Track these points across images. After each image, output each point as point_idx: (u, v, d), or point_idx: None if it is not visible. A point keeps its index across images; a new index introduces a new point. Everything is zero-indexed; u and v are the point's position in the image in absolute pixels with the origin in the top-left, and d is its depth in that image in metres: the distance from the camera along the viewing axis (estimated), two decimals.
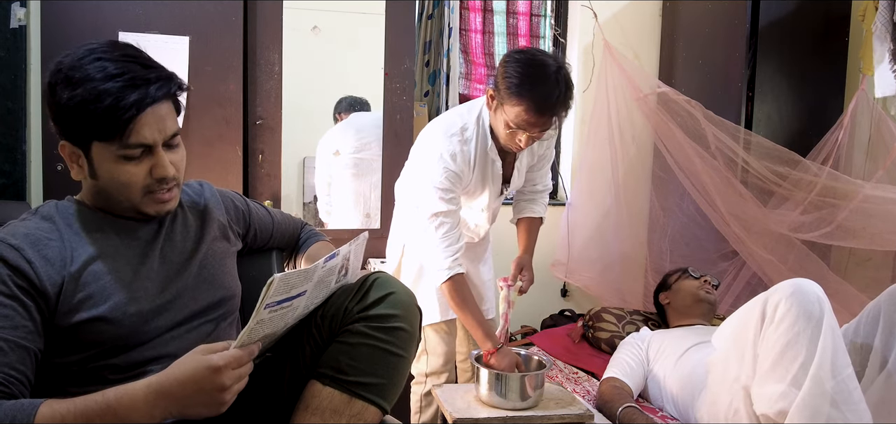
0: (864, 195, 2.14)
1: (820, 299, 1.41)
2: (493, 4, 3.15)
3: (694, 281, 2.22)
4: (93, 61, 1.06)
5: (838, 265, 2.48)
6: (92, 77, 1.04)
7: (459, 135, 1.81)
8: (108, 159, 1.08)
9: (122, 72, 1.06)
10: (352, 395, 1.12)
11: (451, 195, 1.79)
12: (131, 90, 1.05)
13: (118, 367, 1.08)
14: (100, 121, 1.05)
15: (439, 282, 1.81)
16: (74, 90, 1.04)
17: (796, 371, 1.36)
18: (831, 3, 2.61)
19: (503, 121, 1.72)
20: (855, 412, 1.33)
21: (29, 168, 2.19)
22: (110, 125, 1.05)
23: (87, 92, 1.04)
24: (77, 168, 1.12)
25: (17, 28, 2.15)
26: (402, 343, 1.17)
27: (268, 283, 0.92)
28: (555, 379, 2.11)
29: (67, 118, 1.07)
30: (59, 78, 1.06)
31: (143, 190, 1.12)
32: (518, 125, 1.69)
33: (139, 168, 1.10)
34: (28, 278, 1.02)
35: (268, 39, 2.42)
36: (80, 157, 1.11)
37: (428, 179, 1.80)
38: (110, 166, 1.09)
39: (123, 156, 1.08)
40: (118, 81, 1.05)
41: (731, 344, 1.56)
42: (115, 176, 1.10)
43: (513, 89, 1.66)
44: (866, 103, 2.42)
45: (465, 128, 1.83)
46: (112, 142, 1.07)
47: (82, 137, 1.08)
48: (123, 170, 1.09)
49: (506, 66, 1.70)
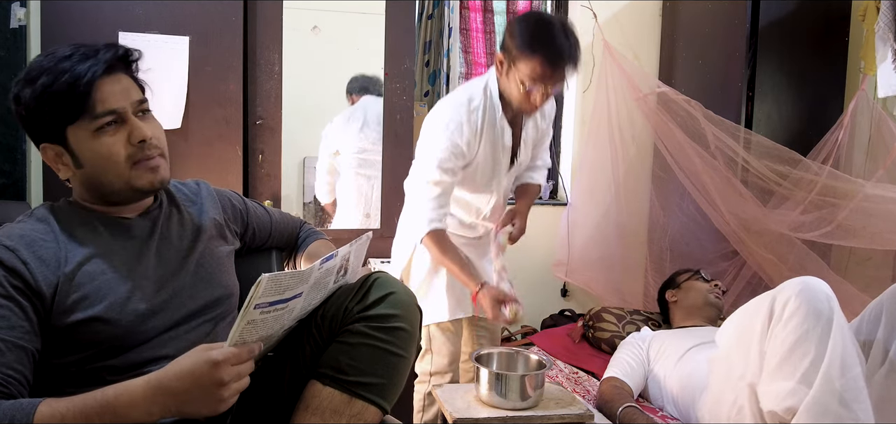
0: (864, 194, 2.14)
1: (829, 297, 1.41)
2: (494, 4, 3.15)
3: (705, 283, 2.22)
4: (45, 57, 1.10)
5: (838, 264, 2.48)
6: (45, 66, 1.08)
7: (466, 105, 1.84)
8: (85, 139, 1.10)
9: (72, 52, 1.10)
10: (352, 395, 1.12)
11: (450, 168, 1.82)
12: (82, 61, 1.09)
13: (116, 368, 1.08)
14: (64, 100, 1.07)
15: (422, 235, 1.83)
16: (34, 84, 1.08)
17: (806, 369, 1.36)
18: (831, 3, 2.61)
19: (517, 81, 1.75)
20: (864, 411, 1.33)
21: (29, 168, 2.19)
22: (74, 99, 1.07)
23: (45, 78, 1.07)
24: (63, 167, 1.14)
25: (17, 28, 2.15)
26: (403, 343, 1.16)
27: (257, 283, 0.91)
28: (555, 379, 2.11)
29: (36, 115, 1.09)
30: (18, 87, 1.10)
31: (127, 160, 1.12)
32: (534, 80, 1.72)
33: (116, 138, 1.11)
34: (23, 279, 1.02)
35: (268, 39, 2.42)
36: (61, 154, 1.12)
37: (431, 149, 1.82)
38: (90, 145, 1.10)
39: (97, 128, 1.10)
40: (69, 60, 1.09)
41: (736, 342, 1.56)
42: (97, 152, 1.11)
43: (526, 46, 1.70)
44: (866, 103, 2.41)
45: (472, 99, 1.85)
46: (83, 119, 1.09)
47: (55, 128, 1.10)
48: (102, 142, 1.10)
49: (514, 27, 1.75)
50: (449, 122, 1.82)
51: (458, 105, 1.84)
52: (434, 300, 1.97)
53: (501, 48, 1.80)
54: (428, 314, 1.96)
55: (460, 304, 1.98)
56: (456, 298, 1.97)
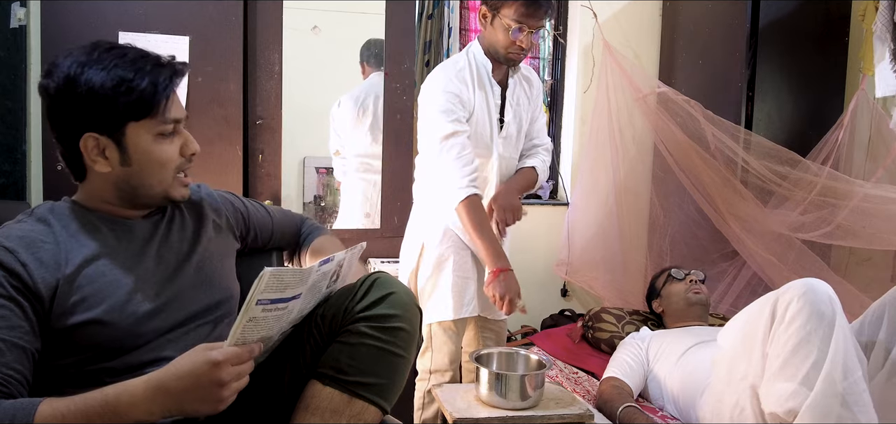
0: (864, 194, 2.14)
1: (832, 299, 1.41)
2: None
3: (680, 283, 2.21)
4: (106, 52, 1.09)
5: (838, 264, 2.48)
6: (119, 61, 1.08)
7: (452, 65, 1.95)
8: (144, 140, 1.11)
9: (144, 55, 1.11)
10: (352, 395, 1.12)
11: (454, 116, 1.86)
12: (160, 69, 1.10)
13: (115, 370, 1.08)
14: (140, 98, 1.08)
15: (455, 203, 1.83)
16: (110, 71, 1.06)
17: (807, 371, 1.36)
18: (831, 3, 2.61)
19: (502, 28, 1.87)
20: (865, 413, 1.33)
21: (29, 168, 2.19)
22: (150, 100, 1.08)
23: (122, 71, 1.07)
24: (102, 160, 1.11)
25: (17, 28, 2.15)
26: (403, 343, 1.17)
27: (259, 277, 0.91)
28: (555, 379, 2.11)
29: (100, 103, 1.07)
30: (77, 70, 1.06)
31: (176, 169, 1.16)
32: (518, 21, 1.84)
33: (173, 146, 1.15)
34: (22, 280, 1.02)
35: (268, 39, 2.42)
36: (108, 147, 1.10)
37: (430, 111, 1.87)
38: (147, 146, 1.11)
39: (160, 133, 1.12)
40: (146, 62, 1.09)
41: (739, 343, 1.56)
42: (154, 156, 1.12)
43: None
44: (866, 103, 2.41)
45: (456, 61, 1.97)
46: (151, 119, 1.10)
47: (115, 121, 1.09)
48: (161, 148, 1.13)
49: None
50: (439, 81, 1.90)
51: (443, 68, 1.96)
52: (439, 298, 1.98)
53: (484, 3, 1.92)
54: (432, 312, 1.99)
55: (464, 304, 1.99)
56: (460, 298, 1.98)
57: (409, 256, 2.08)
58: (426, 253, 2.00)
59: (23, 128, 2.18)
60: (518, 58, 1.95)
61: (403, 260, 2.12)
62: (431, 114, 1.87)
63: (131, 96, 1.07)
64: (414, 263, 2.04)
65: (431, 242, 2.00)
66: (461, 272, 1.98)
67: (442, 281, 1.98)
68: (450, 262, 1.98)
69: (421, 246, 2.02)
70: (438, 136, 1.85)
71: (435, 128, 1.86)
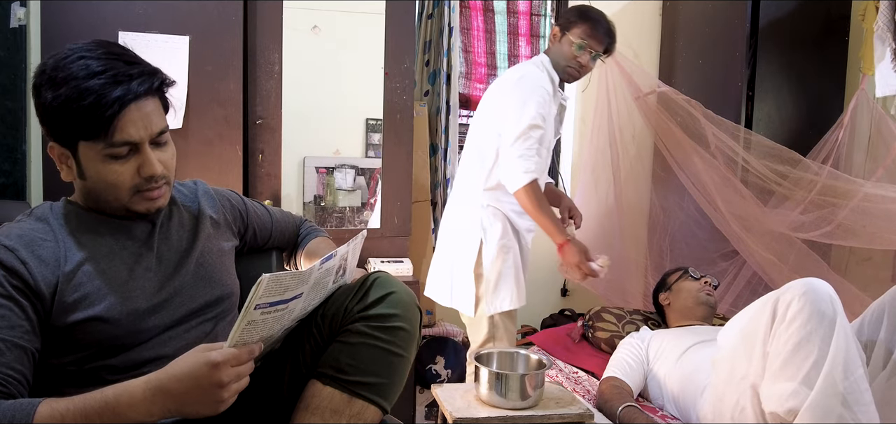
0: (864, 194, 2.14)
1: (832, 298, 1.41)
2: (494, 4, 3.15)
3: (694, 282, 2.21)
4: (76, 60, 1.05)
5: (839, 264, 2.48)
6: (75, 75, 1.04)
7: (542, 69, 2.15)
8: (94, 159, 1.08)
9: (105, 69, 1.05)
10: (352, 395, 1.12)
11: (544, 114, 2.06)
12: (113, 86, 1.04)
13: (115, 368, 1.08)
14: (84, 120, 1.04)
15: (523, 182, 1.99)
16: (58, 90, 1.04)
17: (808, 370, 1.36)
18: (831, 3, 2.61)
19: (570, 44, 2.14)
20: (866, 412, 1.33)
21: (29, 168, 2.19)
22: (94, 123, 1.04)
23: (70, 90, 1.03)
24: (66, 169, 1.12)
25: (17, 28, 2.15)
26: (403, 342, 1.16)
27: (257, 283, 0.91)
28: (555, 379, 2.11)
29: (53, 118, 1.07)
30: (43, 79, 1.06)
31: (131, 189, 1.11)
32: (584, 39, 2.12)
33: (126, 167, 1.09)
34: (23, 279, 1.02)
35: (268, 39, 2.42)
36: (68, 158, 1.10)
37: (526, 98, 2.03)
38: (97, 166, 1.08)
39: (110, 155, 1.07)
40: (100, 78, 1.04)
41: (740, 342, 1.56)
42: (103, 175, 1.09)
43: (580, 14, 2.16)
44: (866, 103, 2.41)
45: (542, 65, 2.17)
46: (98, 141, 1.06)
47: (68, 137, 1.08)
48: (110, 169, 1.08)
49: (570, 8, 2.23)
50: (537, 77, 2.10)
51: (536, 67, 2.15)
52: (505, 288, 2.08)
53: (556, 23, 2.19)
54: (498, 302, 2.09)
55: (521, 294, 2.13)
56: (520, 287, 2.12)
57: (463, 253, 2.13)
58: (487, 248, 2.09)
59: (23, 128, 2.18)
60: (577, 75, 2.19)
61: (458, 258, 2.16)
62: (526, 102, 2.03)
63: (76, 118, 1.04)
64: (473, 258, 2.10)
65: (492, 236, 2.09)
66: (521, 262, 2.14)
67: (506, 272, 2.08)
68: (512, 254, 2.10)
69: (479, 241, 2.10)
70: (526, 123, 2.00)
71: (526, 115, 2.01)
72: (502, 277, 2.08)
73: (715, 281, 2.24)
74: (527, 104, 2.03)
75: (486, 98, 2.25)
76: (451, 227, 2.22)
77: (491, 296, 2.07)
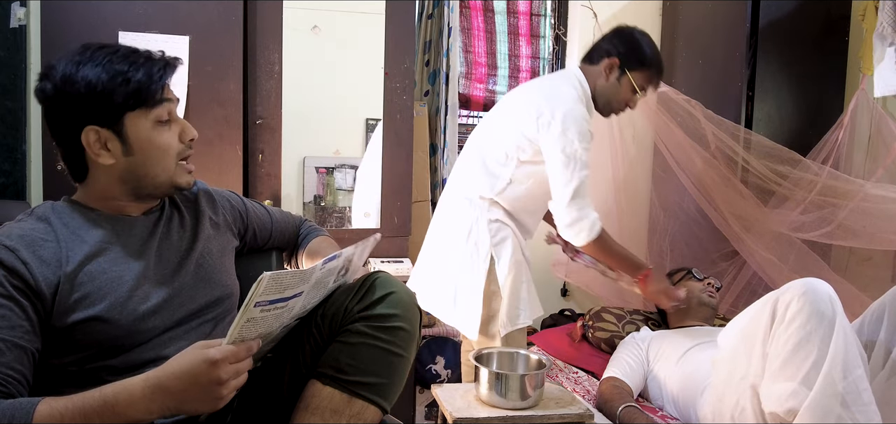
0: (864, 194, 2.13)
1: (832, 299, 1.41)
2: (494, 4, 3.15)
3: (697, 282, 2.21)
4: (97, 49, 1.11)
5: (839, 264, 2.48)
6: (111, 57, 1.10)
7: (583, 93, 2.01)
8: (144, 128, 1.13)
9: (134, 50, 1.14)
10: (352, 395, 1.12)
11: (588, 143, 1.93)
12: (152, 61, 1.13)
13: (115, 368, 1.08)
14: (137, 88, 1.10)
15: (591, 239, 1.91)
16: (103, 68, 1.09)
17: (808, 371, 1.36)
18: (831, 3, 2.61)
19: (628, 86, 2.02)
20: (865, 412, 1.33)
21: (29, 167, 2.19)
22: (147, 90, 1.11)
23: (117, 64, 1.10)
24: (106, 153, 1.12)
25: (17, 28, 2.15)
26: (403, 342, 1.17)
27: (258, 281, 0.91)
28: (555, 379, 2.11)
29: (97, 97, 1.08)
30: (73, 68, 1.09)
31: (177, 155, 1.18)
32: (643, 86, 2.04)
33: (172, 133, 1.17)
34: (23, 279, 1.02)
35: (268, 39, 2.42)
36: (109, 139, 1.11)
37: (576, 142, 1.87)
38: (148, 134, 1.13)
39: (158, 120, 1.14)
40: (138, 56, 1.13)
41: (740, 343, 1.56)
42: (154, 142, 1.14)
43: (646, 56, 2.03)
44: (866, 103, 2.41)
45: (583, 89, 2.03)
46: (148, 107, 1.12)
47: (114, 113, 1.10)
48: (162, 134, 1.15)
49: (632, 38, 2.04)
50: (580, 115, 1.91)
51: (574, 98, 1.95)
52: (520, 305, 1.96)
53: (613, 55, 2.01)
54: (513, 318, 1.95)
55: (535, 305, 2.02)
56: (533, 300, 2.02)
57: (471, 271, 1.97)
58: (500, 267, 1.95)
59: (23, 128, 2.18)
60: (620, 112, 2.11)
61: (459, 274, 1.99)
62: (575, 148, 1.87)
63: (128, 86, 1.09)
64: (482, 278, 1.94)
65: (505, 254, 1.96)
66: (530, 277, 2.03)
67: (521, 288, 1.98)
68: (524, 269, 2.01)
69: (489, 260, 1.95)
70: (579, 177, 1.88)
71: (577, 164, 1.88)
72: (518, 295, 1.97)
73: (718, 283, 2.25)
74: (576, 152, 1.88)
75: (507, 107, 2.09)
76: (452, 238, 2.04)
77: (509, 315, 1.94)
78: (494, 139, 2.04)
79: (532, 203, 2.05)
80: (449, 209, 2.10)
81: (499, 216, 1.99)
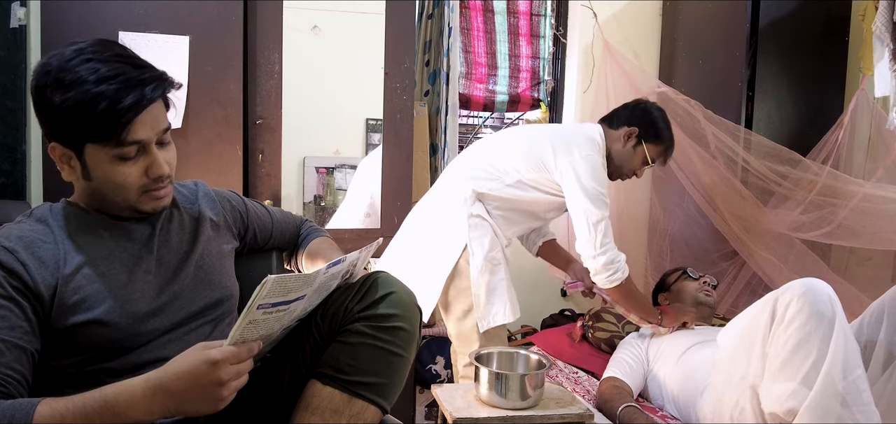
0: (864, 194, 2.14)
1: (831, 299, 1.41)
2: (494, 4, 3.15)
3: (693, 282, 2.21)
4: (83, 62, 1.04)
5: (839, 264, 2.48)
6: (84, 79, 1.02)
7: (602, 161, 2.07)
8: (103, 161, 1.07)
9: (116, 73, 1.04)
10: (352, 395, 1.12)
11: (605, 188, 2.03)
12: (127, 92, 1.04)
13: (115, 371, 1.07)
14: (95, 124, 1.03)
15: (619, 281, 1.99)
16: (67, 93, 1.02)
17: (807, 371, 1.36)
18: (831, 3, 2.61)
19: (641, 156, 2.12)
20: (864, 412, 1.33)
21: (29, 167, 2.19)
22: (107, 128, 1.04)
23: (80, 94, 1.02)
24: (68, 169, 1.11)
25: (17, 28, 2.15)
26: (403, 342, 1.16)
27: (262, 283, 0.91)
28: (555, 379, 2.11)
29: (60, 120, 1.05)
30: (47, 80, 1.04)
31: (139, 190, 1.11)
32: (654, 159, 2.14)
33: (134, 167, 1.09)
34: (22, 280, 1.02)
35: (268, 39, 2.42)
36: (71, 158, 1.09)
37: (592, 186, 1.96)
38: (105, 167, 1.08)
39: (119, 156, 1.07)
40: (112, 84, 1.03)
41: (739, 343, 1.56)
42: (111, 177, 1.09)
43: (662, 133, 2.13)
44: (866, 103, 2.41)
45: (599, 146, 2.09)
46: (107, 144, 1.06)
47: (75, 139, 1.07)
48: (119, 170, 1.08)
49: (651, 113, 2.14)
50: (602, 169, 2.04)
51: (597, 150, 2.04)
52: (499, 302, 1.97)
53: (632, 124, 2.12)
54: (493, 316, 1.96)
55: (515, 307, 2.02)
56: (512, 301, 2.01)
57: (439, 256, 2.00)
58: (473, 261, 1.96)
59: (23, 128, 2.18)
60: (626, 179, 2.20)
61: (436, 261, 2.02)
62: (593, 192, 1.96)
63: (87, 122, 1.03)
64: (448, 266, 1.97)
65: (479, 249, 1.96)
66: (508, 277, 2.02)
67: (497, 286, 1.98)
68: (501, 267, 2.00)
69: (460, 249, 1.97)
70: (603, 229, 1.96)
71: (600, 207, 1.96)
72: (494, 291, 1.97)
73: (714, 281, 2.24)
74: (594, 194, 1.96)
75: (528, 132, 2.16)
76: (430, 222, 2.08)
77: (483, 311, 1.96)
78: (505, 151, 2.08)
79: (517, 214, 2.08)
80: (434, 196, 2.14)
81: (480, 212, 2.01)
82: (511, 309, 1.99)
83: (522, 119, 3.31)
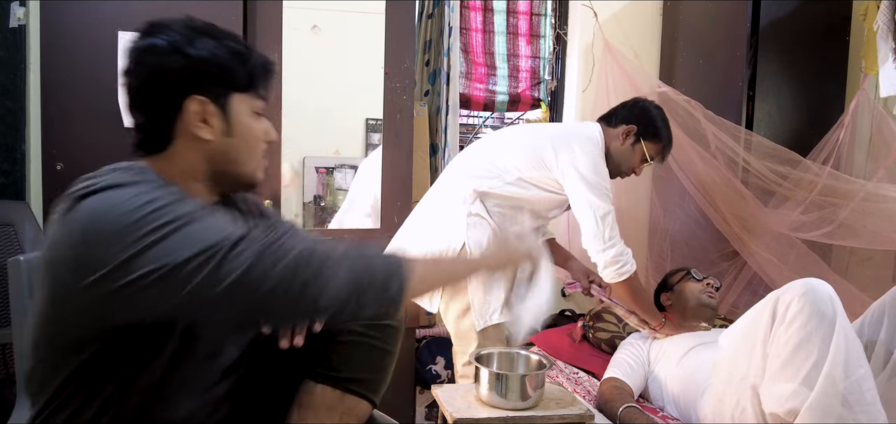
0: (865, 194, 2.13)
1: (832, 299, 1.41)
2: (494, 3, 3.15)
3: (696, 283, 2.21)
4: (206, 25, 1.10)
5: (839, 264, 2.47)
6: (227, 34, 1.09)
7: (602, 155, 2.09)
8: (245, 114, 1.09)
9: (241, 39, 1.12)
10: (344, 391, 1.16)
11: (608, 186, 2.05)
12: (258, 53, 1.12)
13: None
14: (252, 71, 1.08)
15: (628, 274, 2.00)
16: (219, 42, 1.06)
17: (808, 371, 1.36)
18: (832, 3, 2.61)
19: (639, 154, 2.13)
20: (867, 412, 1.33)
21: (28, 167, 2.19)
22: (259, 76, 1.09)
23: (233, 44, 1.08)
24: (206, 128, 1.05)
25: (17, 28, 2.15)
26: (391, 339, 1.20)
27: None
28: (555, 379, 2.11)
29: (211, 67, 1.04)
30: (181, 37, 1.05)
31: (262, 152, 1.14)
32: (652, 157, 2.15)
33: (263, 127, 1.13)
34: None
35: (267, 39, 2.41)
36: (213, 115, 1.05)
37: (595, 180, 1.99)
38: (249, 121, 1.10)
39: (256, 111, 1.11)
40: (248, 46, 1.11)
41: (740, 343, 1.56)
42: (253, 131, 1.11)
43: (660, 131, 2.15)
44: (867, 103, 2.41)
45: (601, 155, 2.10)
46: (253, 96, 1.09)
47: (223, 88, 1.06)
48: (260, 125, 1.12)
49: (647, 111, 2.16)
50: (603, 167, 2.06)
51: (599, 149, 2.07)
52: (495, 301, 1.97)
53: (631, 122, 2.13)
54: (489, 314, 1.96)
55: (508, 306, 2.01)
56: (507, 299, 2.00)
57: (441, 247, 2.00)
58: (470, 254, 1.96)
59: (23, 128, 2.18)
60: (625, 177, 2.21)
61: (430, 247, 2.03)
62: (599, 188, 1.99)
63: (246, 67, 1.07)
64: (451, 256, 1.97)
65: (477, 246, 1.96)
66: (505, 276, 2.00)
67: (495, 284, 1.98)
68: None
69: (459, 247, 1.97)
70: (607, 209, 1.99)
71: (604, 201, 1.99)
72: (491, 290, 1.97)
73: (717, 283, 2.24)
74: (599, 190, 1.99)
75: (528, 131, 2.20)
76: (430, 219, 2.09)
77: (480, 309, 1.97)
78: (505, 149, 2.08)
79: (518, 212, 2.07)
80: (434, 195, 2.15)
81: (480, 211, 2.01)
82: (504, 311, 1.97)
83: (522, 119, 3.30)
